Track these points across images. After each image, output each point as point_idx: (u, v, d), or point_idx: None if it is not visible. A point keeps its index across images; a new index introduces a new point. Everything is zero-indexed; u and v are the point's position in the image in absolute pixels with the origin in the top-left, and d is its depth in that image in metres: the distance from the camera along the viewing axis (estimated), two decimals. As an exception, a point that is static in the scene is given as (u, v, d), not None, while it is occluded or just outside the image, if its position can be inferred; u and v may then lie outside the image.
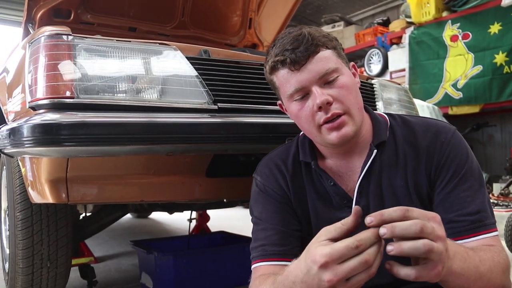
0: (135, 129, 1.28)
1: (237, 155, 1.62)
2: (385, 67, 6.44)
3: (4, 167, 1.99)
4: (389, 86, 2.15)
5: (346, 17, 7.73)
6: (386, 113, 1.12)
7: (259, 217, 1.08)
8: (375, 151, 1.02)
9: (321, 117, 0.97)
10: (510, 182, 4.78)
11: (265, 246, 1.02)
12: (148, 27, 2.62)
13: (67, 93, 1.25)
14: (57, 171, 1.38)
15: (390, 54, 6.39)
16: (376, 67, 6.59)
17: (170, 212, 3.17)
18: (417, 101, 3.15)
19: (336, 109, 0.96)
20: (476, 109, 5.50)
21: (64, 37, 1.31)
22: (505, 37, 5.16)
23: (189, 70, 1.43)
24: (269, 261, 1.00)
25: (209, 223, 3.48)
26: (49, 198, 1.41)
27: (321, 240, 0.72)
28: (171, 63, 1.43)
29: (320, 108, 0.96)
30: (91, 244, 2.77)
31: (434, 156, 0.99)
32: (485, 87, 5.32)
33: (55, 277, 1.76)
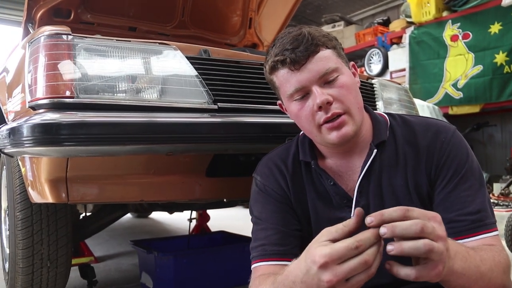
0: (135, 128, 1.28)
1: (237, 155, 1.62)
2: (385, 67, 6.45)
3: (4, 166, 1.99)
4: (389, 86, 2.15)
5: (346, 17, 7.74)
6: (386, 112, 1.12)
7: (259, 217, 1.08)
8: (375, 150, 1.02)
9: (321, 116, 0.97)
10: (510, 182, 4.79)
11: (265, 246, 1.02)
12: (148, 27, 2.62)
13: (67, 93, 1.25)
14: (57, 171, 1.37)
15: (390, 54, 6.39)
16: (376, 67, 6.59)
17: (170, 212, 3.16)
18: (417, 101, 3.15)
19: (336, 108, 0.96)
20: (476, 109, 5.50)
21: (64, 36, 1.31)
22: (506, 37, 5.16)
23: (189, 69, 1.43)
24: (269, 261, 1.00)
25: (209, 223, 3.48)
26: (49, 198, 1.41)
27: (322, 241, 0.71)
28: (171, 63, 1.42)
29: (320, 108, 0.96)
30: (91, 244, 2.77)
31: (434, 155, 0.99)
32: (486, 87, 5.32)
33: (55, 276, 1.76)
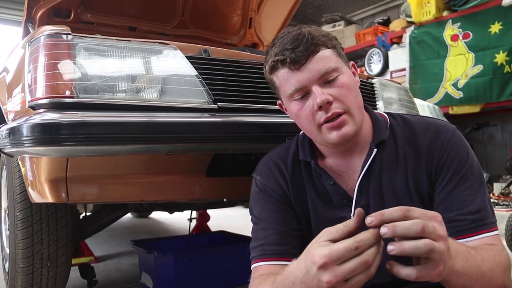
0: (134, 128, 1.28)
1: (237, 154, 1.62)
2: (385, 66, 6.44)
3: (4, 166, 1.99)
4: (389, 85, 2.15)
5: (346, 16, 7.73)
6: (386, 112, 1.11)
7: (258, 217, 1.08)
8: (375, 150, 1.02)
9: (321, 116, 0.97)
10: (511, 182, 4.78)
11: (265, 245, 1.02)
12: (148, 27, 2.62)
13: (67, 93, 1.25)
14: (57, 171, 1.37)
15: (391, 53, 6.39)
16: (376, 67, 6.59)
17: (171, 212, 3.16)
18: (417, 101, 3.14)
19: (336, 108, 0.96)
20: (476, 108, 5.50)
21: (64, 36, 1.31)
22: (506, 36, 5.15)
23: (189, 69, 1.43)
24: (268, 260, 1.00)
25: (209, 223, 3.48)
26: (49, 198, 1.41)
27: (322, 241, 0.71)
28: (171, 63, 1.42)
29: (321, 108, 0.96)
30: (91, 244, 2.77)
31: (434, 155, 0.99)
32: (486, 86, 5.31)
33: (55, 276, 1.76)
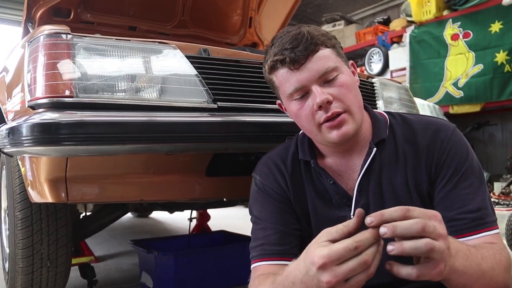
0: (134, 128, 1.28)
1: (237, 154, 1.62)
2: (385, 66, 6.44)
3: (4, 166, 1.99)
4: (389, 85, 2.15)
5: (346, 16, 7.73)
6: (386, 111, 1.11)
7: (258, 217, 1.07)
8: (375, 149, 1.02)
9: (321, 116, 0.97)
10: (511, 181, 4.78)
11: (264, 245, 1.02)
12: (148, 26, 2.61)
13: (66, 92, 1.24)
14: (56, 171, 1.37)
15: (391, 53, 6.39)
16: (376, 66, 6.59)
17: (171, 212, 3.16)
18: (417, 100, 3.13)
19: (336, 108, 0.96)
20: (477, 108, 5.49)
21: (63, 36, 1.31)
22: (506, 35, 5.15)
23: (188, 69, 1.42)
24: (268, 260, 1.00)
25: (209, 222, 3.48)
26: (49, 198, 1.40)
27: (322, 241, 0.71)
28: (171, 62, 1.42)
29: (320, 107, 0.96)
30: (92, 244, 2.77)
31: (434, 154, 0.99)
32: (486, 86, 5.31)
33: (55, 276, 1.75)
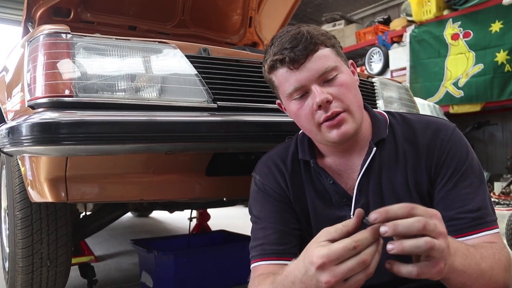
0: (134, 127, 1.28)
1: (237, 153, 1.62)
2: (386, 65, 6.44)
3: (4, 166, 1.99)
4: (389, 84, 2.14)
5: (347, 15, 7.73)
6: (386, 111, 1.11)
7: (258, 216, 1.07)
8: (375, 148, 1.02)
9: (321, 115, 0.97)
10: (511, 181, 4.78)
11: (264, 245, 1.01)
12: (148, 26, 2.61)
13: (66, 92, 1.24)
14: (56, 170, 1.37)
15: (391, 52, 6.38)
16: (377, 66, 6.58)
17: (171, 211, 3.16)
18: (418, 100, 3.13)
19: (336, 107, 0.96)
20: (477, 107, 5.49)
21: (63, 35, 1.30)
22: (506, 35, 5.14)
23: (188, 68, 1.42)
24: (268, 260, 1.00)
25: (209, 222, 3.48)
26: (48, 197, 1.40)
27: (321, 241, 0.71)
28: (171, 62, 1.42)
29: (320, 107, 0.96)
30: (92, 243, 2.77)
31: (434, 153, 0.99)
32: (486, 85, 5.31)
33: (55, 276, 1.75)
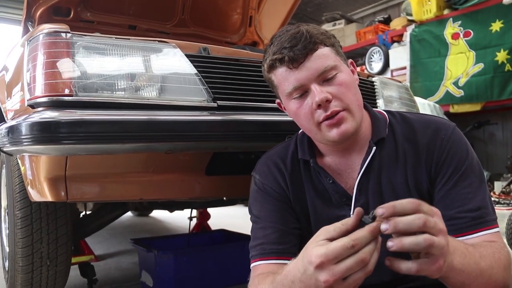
0: (134, 127, 1.27)
1: (237, 153, 1.61)
2: (386, 65, 6.44)
3: (4, 165, 1.99)
4: (389, 84, 2.14)
5: (347, 15, 7.73)
6: (385, 110, 1.11)
7: (257, 216, 1.07)
8: (374, 148, 1.01)
9: (320, 115, 0.96)
10: (511, 180, 4.78)
11: (264, 244, 1.02)
12: (148, 25, 2.61)
13: (66, 91, 1.24)
14: (56, 169, 1.37)
15: (391, 52, 6.39)
16: (377, 65, 6.59)
17: (171, 210, 3.16)
18: (418, 99, 3.13)
19: (335, 106, 0.96)
20: (477, 107, 5.49)
21: (63, 34, 1.30)
22: (507, 35, 5.14)
23: (188, 67, 1.42)
24: (267, 259, 1.00)
25: (209, 221, 3.48)
26: (48, 197, 1.40)
27: (320, 240, 0.71)
28: (170, 61, 1.42)
29: (320, 106, 0.96)
30: (92, 242, 2.77)
31: (434, 153, 0.98)
32: (487, 85, 5.31)
33: (55, 275, 1.75)
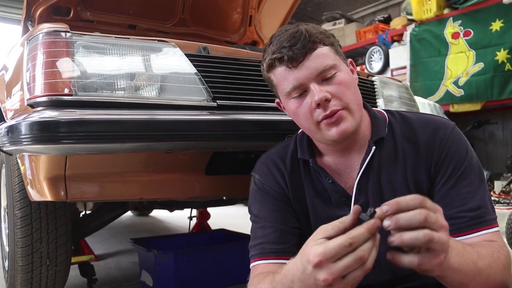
0: (133, 126, 1.27)
1: (237, 152, 1.61)
2: (386, 64, 6.44)
3: (4, 165, 1.99)
4: (389, 83, 2.14)
5: (347, 14, 7.73)
6: (385, 109, 1.11)
7: (257, 215, 1.07)
8: (374, 147, 1.01)
9: (319, 114, 0.96)
10: (511, 180, 4.78)
11: (263, 244, 1.01)
12: (148, 25, 2.61)
13: (66, 91, 1.24)
14: (55, 169, 1.37)
15: (391, 51, 6.38)
16: (377, 65, 6.58)
17: (171, 210, 3.16)
18: (418, 99, 3.13)
19: (334, 106, 0.96)
20: (477, 106, 5.49)
21: (62, 34, 1.30)
22: (507, 34, 5.14)
23: (188, 67, 1.42)
24: (267, 259, 1.00)
25: (209, 221, 3.48)
26: (48, 196, 1.40)
27: (318, 239, 0.71)
28: (170, 60, 1.42)
29: (319, 105, 0.95)
30: (91, 242, 2.77)
31: (433, 152, 0.98)
32: (487, 84, 5.31)
33: (55, 275, 1.75)
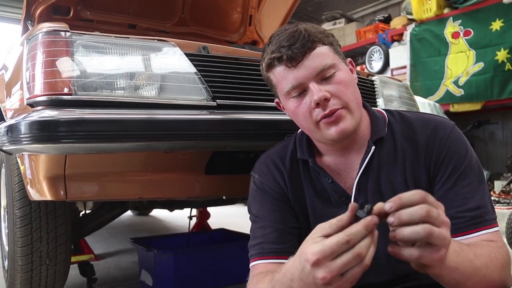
0: (133, 125, 1.27)
1: (236, 152, 1.61)
2: (386, 64, 6.44)
3: (3, 164, 1.99)
4: (389, 83, 2.14)
5: (347, 14, 7.73)
6: (384, 109, 1.11)
7: (257, 215, 1.07)
8: (373, 147, 1.01)
9: (318, 113, 0.96)
10: (511, 180, 4.78)
11: (263, 244, 1.02)
12: (147, 24, 2.62)
13: (65, 90, 1.24)
14: (55, 168, 1.37)
15: (391, 51, 6.39)
16: (377, 64, 6.59)
17: (170, 210, 3.16)
18: (418, 99, 3.13)
19: (334, 105, 0.96)
20: (477, 106, 5.49)
21: (62, 33, 1.30)
22: (507, 34, 5.14)
23: (188, 66, 1.42)
24: (266, 259, 1.00)
25: (209, 221, 3.48)
26: (48, 196, 1.40)
27: (316, 237, 0.71)
28: (170, 60, 1.42)
29: (318, 105, 0.95)
30: (91, 242, 2.77)
31: (433, 151, 0.98)
32: (487, 84, 5.31)
33: (54, 274, 1.75)
